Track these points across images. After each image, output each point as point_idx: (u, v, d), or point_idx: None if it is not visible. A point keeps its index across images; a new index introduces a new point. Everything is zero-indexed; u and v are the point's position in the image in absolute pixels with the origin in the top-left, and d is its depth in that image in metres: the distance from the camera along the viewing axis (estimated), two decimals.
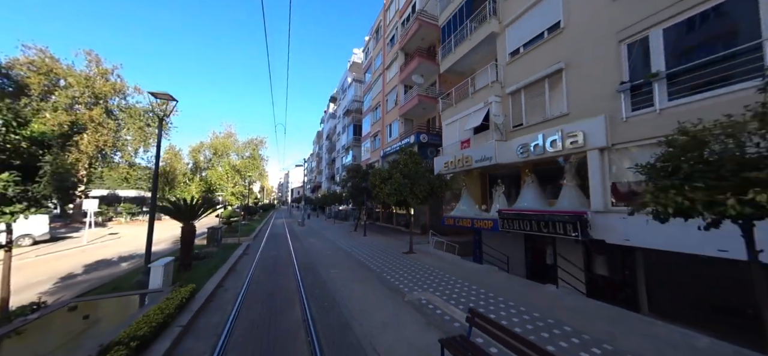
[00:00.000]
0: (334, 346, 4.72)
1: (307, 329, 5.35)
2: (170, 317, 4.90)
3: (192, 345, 4.78)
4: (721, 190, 3.18)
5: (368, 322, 5.60)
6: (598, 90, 8.05)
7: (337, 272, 9.62)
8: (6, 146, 4.38)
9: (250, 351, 4.61)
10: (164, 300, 5.36)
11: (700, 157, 3.51)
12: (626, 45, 7.54)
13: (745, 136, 3.32)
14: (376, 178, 12.16)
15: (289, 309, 6.47)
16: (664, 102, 6.72)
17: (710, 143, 3.52)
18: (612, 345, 4.56)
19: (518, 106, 10.78)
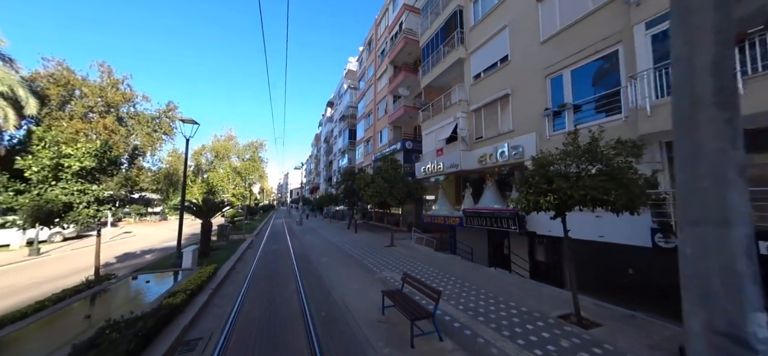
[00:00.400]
0: (318, 304, 6.87)
1: (299, 295, 7.50)
2: (203, 283, 7.06)
3: (218, 301, 6.93)
4: (543, 194, 5.37)
5: (344, 290, 7.76)
6: (532, 113, 10.22)
7: (326, 259, 11.78)
8: (103, 166, 6.53)
9: (258, 308, 6.76)
10: (196, 274, 7.52)
11: (544, 174, 5.67)
12: (550, 80, 9.72)
13: (573, 161, 5.45)
14: (361, 182, 14.33)
15: (287, 284, 8.63)
16: (571, 125, 8.88)
17: (551, 164, 5.68)
18: (522, 305, 6.71)
19: (479, 121, 12.95)
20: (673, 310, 3.20)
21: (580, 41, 8.64)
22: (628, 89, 7.13)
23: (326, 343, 4.90)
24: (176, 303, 5.25)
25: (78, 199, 6.29)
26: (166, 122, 34.87)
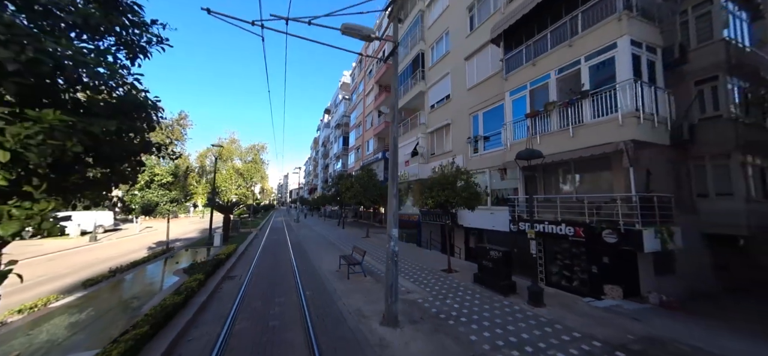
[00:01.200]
0: (304, 271, 11.00)
1: (291, 263, 11.65)
2: (230, 255, 11.24)
3: (242, 262, 11.10)
4: (428, 197, 9.52)
5: (320, 260, 11.92)
6: (462, 139, 14.32)
7: (314, 246, 15.94)
8: (172, 181, 10.71)
9: (266, 266, 10.89)
10: (225, 248, 11.70)
11: (436, 183, 9.80)
12: (472, 117, 13.83)
13: (441, 180, 9.57)
14: (343, 186, 18.50)
15: (284, 256, 12.78)
16: (482, 151, 13.00)
17: (441, 178, 9.80)
18: (425, 266, 10.83)
19: (433, 141, 17.07)
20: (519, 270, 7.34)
21: (486, 93, 12.75)
22: (503, 131, 11.24)
23: (305, 280, 9.03)
24: (221, 258, 9.43)
25: (162, 199, 10.33)
26: (178, 129, 39.13)
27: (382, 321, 5.61)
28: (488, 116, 12.88)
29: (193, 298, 6.65)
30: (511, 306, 6.62)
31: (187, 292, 6.40)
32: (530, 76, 10.02)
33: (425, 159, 17.40)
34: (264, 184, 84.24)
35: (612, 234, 7.21)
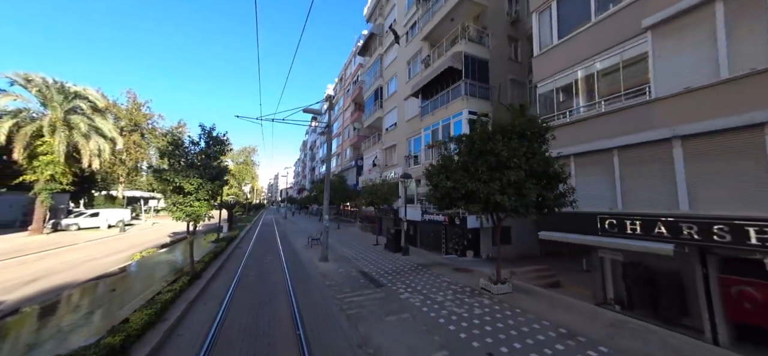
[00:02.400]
0: (284, 246, 16.79)
1: (277, 243, 17.41)
2: (235, 238, 16.93)
3: (243, 245, 16.79)
4: (367, 196, 15.48)
5: (296, 241, 17.75)
6: (403, 156, 20.26)
7: (294, 234, 21.69)
8: None
9: (261, 245, 16.60)
10: (231, 234, 17.37)
11: (368, 190, 15.73)
12: (408, 140, 19.79)
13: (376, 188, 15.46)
14: (318, 189, 24.27)
15: (272, 240, 18.52)
16: (412, 166, 18.98)
17: (371, 187, 15.73)
18: (367, 243, 16.76)
19: (388, 155, 23.00)
20: (422, 244, 13.32)
21: (415, 126, 18.70)
22: (420, 154, 17.20)
23: (285, 249, 14.81)
24: (232, 237, 15.14)
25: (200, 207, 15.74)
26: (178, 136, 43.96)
27: (320, 259, 11.48)
28: (416, 141, 18.84)
29: (223, 252, 12.37)
30: (392, 255, 12.60)
31: (221, 247, 12.13)
32: (432, 121, 16.01)
33: (381, 170, 23.33)
34: (254, 184, 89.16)
35: (455, 219, 13.22)
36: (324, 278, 9.38)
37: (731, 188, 5.75)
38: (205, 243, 15.87)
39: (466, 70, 13.71)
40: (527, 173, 6.28)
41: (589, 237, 7.91)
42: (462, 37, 14.21)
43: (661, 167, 6.72)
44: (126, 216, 26.98)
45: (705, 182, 6.09)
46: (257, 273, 10.28)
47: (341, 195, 23.91)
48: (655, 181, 6.86)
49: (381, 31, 24.98)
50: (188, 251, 9.42)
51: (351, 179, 30.89)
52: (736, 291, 5.88)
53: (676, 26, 6.58)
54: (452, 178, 7.22)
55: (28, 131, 18.42)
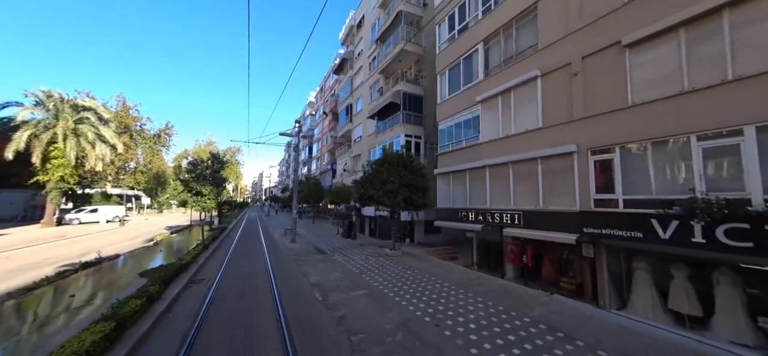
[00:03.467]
0: (265, 235, 21.34)
1: (259, 234, 21.92)
2: (225, 228, 21.28)
3: (234, 231, 21.16)
4: (334, 196, 20.32)
5: (275, 232, 22.32)
6: (361, 165, 25.14)
7: (274, 228, 26.18)
8: None
9: (248, 235, 21.06)
10: (219, 227, 21.72)
11: (334, 192, 20.55)
12: (369, 151, 24.70)
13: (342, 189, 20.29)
14: (302, 190, 28.88)
15: (255, 231, 22.99)
16: None
17: (335, 189, 20.57)
18: (333, 233, 21.56)
19: (355, 162, 27.84)
20: (378, 234, 18.22)
21: (374, 141, 23.62)
22: None
23: (265, 237, 19.37)
24: (224, 227, 19.57)
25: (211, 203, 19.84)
26: (164, 137, 47.21)
27: (290, 242, 16.22)
28: (373, 153, 23.75)
29: (219, 236, 16.84)
30: (344, 240, 17.51)
31: (216, 233, 16.59)
32: (383, 138, 20.96)
33: (350, 173, 28.14)
34: (238, 182, 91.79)
35: (393, 213, 18.24)
36: (290, 251, 14.14)
37: (504, 193, 10.96)
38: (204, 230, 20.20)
39: (404, 104, 18.75)
40: (398, 185, 11.33)
41: (454, 224, 13.07)
42: (402, 79, 19.25)
43: (482, 182, 11.91)
44: (121, 213, 30.53)
45: (502, 191, 11.28)
46: (244, 248, 14.90)
47: (316, 195, 28.56)
48: (481, 189, 12.05)
49: (352, 56, 29.80)
50: (192, 233, 13.90)
51: (328, 180, 35.49)
52: (509, 249, 11.10)
53: (492, 102, 11.76)
54: (364, 187, 12.18)
55: (44, 139, 21.98)
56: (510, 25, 11.11)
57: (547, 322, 5.87)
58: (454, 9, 14.17)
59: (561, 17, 9.20)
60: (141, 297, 5.83)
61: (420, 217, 17.03)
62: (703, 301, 6.24)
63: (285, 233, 20.68)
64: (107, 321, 4.51)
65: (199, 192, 12.86)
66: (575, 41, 8.70)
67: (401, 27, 19.29)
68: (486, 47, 12.26)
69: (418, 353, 4.74)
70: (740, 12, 5.81)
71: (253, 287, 8.66)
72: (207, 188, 12.60)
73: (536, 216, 9.54)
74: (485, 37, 12.14)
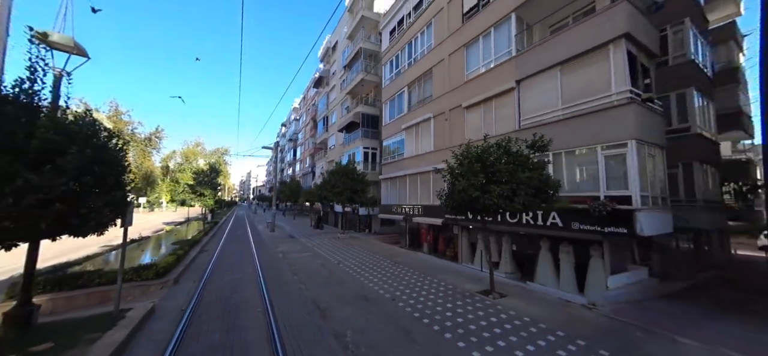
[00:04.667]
0: (251, 228, 26.20)
1: (246, 227, 26.77)
2: (216, 224, 26.05)
3: (225, 224, 25.93)
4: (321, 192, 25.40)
5: (260, 226, 27.22)
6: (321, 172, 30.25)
7: (259, 223, 31.02)
8: None
9: (237, 227, 25.87)
10: (212, 221, 26.47)
11: (311, 192, 25.64)
12: (340, 158, 29.80)
13: None
14: (283, 190, 33.73)
15: (243, 227, 27.82)
16: None
17: (314, 190, 25.63)
18: (305, 224, 26.63)
19: (331, 167, 32.85)
20: (346, 227, 23.34)
21: (341, 150, 28.68)
22: None
23: (251, 230, 24.25)
24: (216, 221, 24.36)
25: (210, 202, 24.30)
26: (155, 140, 51.01)
27: (270, 231, 21.21)
28: (344, 159, 28.84)
29: (213, 228, 21.67)
30: (314, 230, 22.57)
31: (211, 225, 21.41)
32: (349, 149, 26.05)
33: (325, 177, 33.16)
34: (226, 182, 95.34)
35: (356, 210, 23.43)
36: (269, 236, 19.14)
37: (415, 194, 16.25)
38: (200, 224, 24.90)
39: (363, 123, 23.90)
40: (343, 188, 16.55)
41: (391, 216, 18.36)
42: (362, 102, 24.38)
43: (405, 185, 17.17)
44: None
45: (415, 192, 16.55)
46: (234, 235, 19.82)
47: (296, 195, 33.49)
48: (404, 191, 17.31)
49: (328, 75, 34.79)
50: (191, 226, 18.71)
51: (309, 181, 40.34)
52: (422, 232, 16.42)
53: (411, 130, 17.01)
54: (321, 189, 17.34)
55: None
56: (421, 79, 16.41)
57: (414, 266, 11.12)
58: (394, 57, 19.42)
59: (441, 83, 14.54)
60: (179, 251, 10.80)
61: (374, 212, 22.22)
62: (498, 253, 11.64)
63: (267, 225, 25.60)
64: (171, 256, 9.51)
65: (202, 194, 17.74)
66: (447, 99, 14.04)
67: (361, 60, 24.44)
68: (409, 90, 17.54)
69: (324, 274, 9.89)
70: (523, 88, 11.17)
71: (242, 253, 13.70)
72: (207, 191, 17.40)
73: (428, 209, 14.87)
74: (408, 83, 17.42)
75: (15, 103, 4.22)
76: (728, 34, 15.86)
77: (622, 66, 7.73)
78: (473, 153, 6.99)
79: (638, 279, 8.13)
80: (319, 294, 7.59)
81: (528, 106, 10.32)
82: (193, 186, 17.71)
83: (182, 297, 7.59)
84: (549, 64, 9.47)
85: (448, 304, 6.71)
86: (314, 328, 5.59)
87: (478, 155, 6.79)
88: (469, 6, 13.02)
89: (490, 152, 6.76)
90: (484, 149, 6.96)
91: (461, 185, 6.73)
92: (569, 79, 9.03)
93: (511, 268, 11.04)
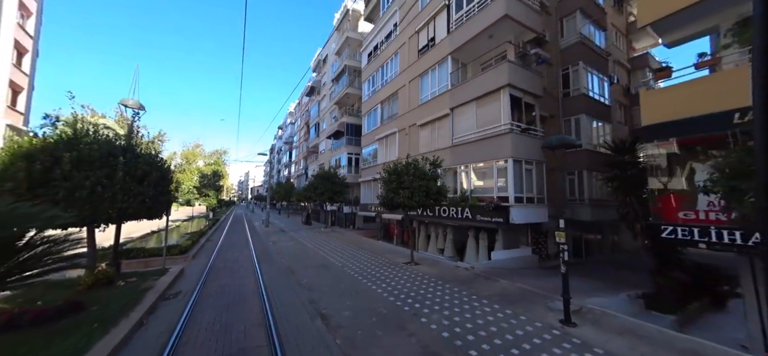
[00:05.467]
0: (248, 225, 29.65)
1: (244, 224, 30.21)
2: (217, 221, 29.49)
3: (225, 220, 29.36)
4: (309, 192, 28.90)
5: (256, 222, 30.67)
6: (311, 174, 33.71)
7: (255, 220, 34.46)
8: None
9: (236, 223, 29.30)
10: (214, 219, 29.94)
11: (301, 192, 29.12)
12: (330, 161, 33.26)
13: None
14: (277, 190, 37.16)
15: (241, 224, 31.27)
16: None
17: (303, 190, 29.13)
18: (300, 225, 30.09)
19: (321, 169, 36.30)
20: (334, 224, 26.83)
21: (330, 154, 32.11)
22: None
23: (248, 226, 27.69)
24: (217, 219, 27.80)
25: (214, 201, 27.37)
26: (158, 143, 54.38)
27: (265, 226, 24.66)
28: (332, 163, 32.27)
29: (215, 225, 25.09)
30: (303, 225, 26.01)
31: (214, 221, 24.83)
32: (336, 154, 29.47)
33: None
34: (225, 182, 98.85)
35: (341, 208, 26.85)
36: (263, 231, 22.58)
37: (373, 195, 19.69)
38: (201, 222, 28.32)
39: (347, 131, 27.32)
40: (323, 190, 20.03)
41: (367, 213, 21.81)
42: (346, 113, 27.81)
43: (377, 186, 20.59)
44: None
45: None
46: (234, 230, 23.26)
47: (290, 195, 36.93)
48: (376, 191, 20.73)
49: (319, 85, 38.21)
50: (194, 223, 22.13)
51: (303, 182, 43.76)
52: (392, 225, 19.86)
53: (382, 141, 20.41)
54: (306, 190, 20.80)
55: None
56: (390, 98, 19.84)
57: (371, 250, 14.54)
58: (370, 76, 22.86)
59: (404, 103, 17.98)
60: (191, 239, 14.26)
61: (356, 211, 25.66)
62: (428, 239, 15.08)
63: (263, 222, 29.06)
64: (187, 241, 12.99)
65: (207, 194, 21.16)
66: (408, 117, 17.47)
67: (346, 75, 27.89)
68: (382, 107, 20.98)
69: (300, 254, 13.31)
70: (455, 114, 14.57)
71: (240, 243, 17.14)
72: (211, 192, 20.79)
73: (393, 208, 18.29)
74: (381, 101, 20.86)
75: (131, 149, 7.78)
76: (644, 62, 19.41)
77: (507, 105, 11.18)
78: (391, 168, 10.46)
79: (521, 255, 11.59)
80: (293, 264, 11.05)
81: (457, 128, 13.77)
82: (198, 188, 21.10)
83: (200, 265, 11.02)
84: (469, 99, 12.91)
85: (380, 270, 10.15)
86: (285, 280, 9.02)
87: (395, 169, 10.25)
88: (422, 44, 16.48)
89: (402, 169, 10.23)
90: (400, 166, 10.43)
91: (383, 190, 10.17)
92: (481, 111, 12.48)
93: (451, 252, 14.45)
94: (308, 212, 30.55)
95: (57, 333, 4.66)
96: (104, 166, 6.84)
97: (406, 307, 6.52)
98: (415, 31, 16.93)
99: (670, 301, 7.54)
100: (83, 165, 6.49)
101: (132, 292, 6.79)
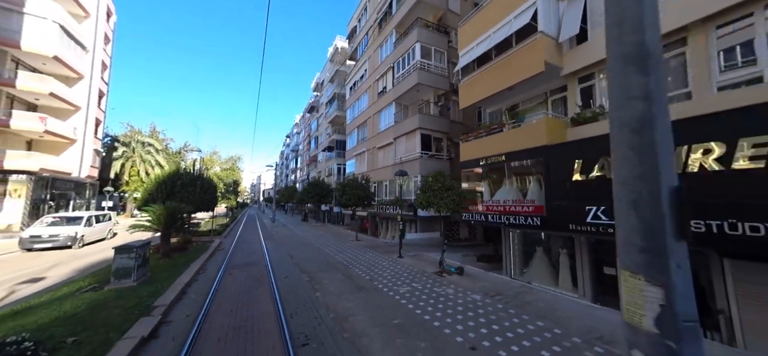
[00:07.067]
0: (259, 222, 37.09)
1: (257, 222, 37.70)
2: (234, 218, 37.05)
3: (239, 220, 36.94)
4: None
5: (265, 220, 38.11)
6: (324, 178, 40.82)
7: (266, 218, 41.95)
8: None
9: (249, 223, 36.81)
10: (231, 217, 37.52)
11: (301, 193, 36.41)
12: (326, 169, 40.36)
13: None
14: (283, 193, 44.64)
15: (254, 223, 38.78)
16: None
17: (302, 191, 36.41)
18: (299, 222, 37.34)
19: (320, 176, 43.51)
20: (330, 221, 34.16)
21: (327, 164, 39.20)
22: None
23: (259, 224, 35.08)
24: (235, 217, 35.36)
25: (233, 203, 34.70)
26: (183, 152, 63.15)
27: (272, 222, 31.95)
28: (327, 171, 39.32)
29: (235, 220, 32.59)
30: (302, 222, 33.12)
31: (233, 218, 32.31)
32: (331, 164, 36.49)
33: None
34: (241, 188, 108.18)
35: (332, 208, 33.83)
36: (271, 225, 29.82)
37: None
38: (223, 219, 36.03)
39: (337, 146, 34.29)
40: (313, 194, 27.10)
41: (347, 211, 28.71)
42: (337, 132, 34.80)
43: None
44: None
45: None
46: (248, 226, 30.65)
47: (294, 197, 44.30)
48: None
49: (318, 104, 45.42)
50: (216, 219, 29.59)
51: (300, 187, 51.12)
52: (365, 221, 26.64)
53: (359, 157, 27.22)
54: (301, 194, 27.92)
55: (127, 166, 37.81)
56: (363, 125, 26.63)
57: (341, 236, 21.35)
58: (351, 105, 29.75)
59: (370, 130, 24.75)
60: (221, 227, 21.53)
61: (343, 211, 32.49)
62: (378, 228, 21.79)
63: (270, 219, 36.45)
64: (219, 228, 20.22)
65: (228, 197, 28.46)
66: (372, 141, 24.21)
67: (336, 101, 34.91)
68: (358, 131, 27.80)
69: (293, 239, 20.26)
70: (396, 143, 21.21)
71: (253, 233, 24.37)
72: (232, 195, 28.00)
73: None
74: (358, 126, 27.68)
75: (200, 177, 15.10)
76: None
77: (419, 141, 17.78)
78: (344, 182, 17.33)
79: (428, 236, 18.15)
80: (287, 244, 18.04)
81: (398, 152, 20.44)
82: (222, 192, 28.41)
83: (230, 240, 18.13)
84: (402, 133, 19.56)
85: (337, 245, 16.95)
86: (278, 247, 15.97)
87: (346, 182, 17.09)
88: (380, 89, 23.20)
89: (347, 182, 17.08)
90: (346, 180, 17.29)
91: (338, 194, 17.05)
92: (409, 143, 19.11)
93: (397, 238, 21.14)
94: (305, 211, 37.66)
95: (182, 255, 11.72)
96: (190, 185, 14.00)
97: (344, 261, 13.26)
98: (375, 80, 23.71)
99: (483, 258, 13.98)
100: (184, 185, 13.67)
101: (201, 248, 13.89)
